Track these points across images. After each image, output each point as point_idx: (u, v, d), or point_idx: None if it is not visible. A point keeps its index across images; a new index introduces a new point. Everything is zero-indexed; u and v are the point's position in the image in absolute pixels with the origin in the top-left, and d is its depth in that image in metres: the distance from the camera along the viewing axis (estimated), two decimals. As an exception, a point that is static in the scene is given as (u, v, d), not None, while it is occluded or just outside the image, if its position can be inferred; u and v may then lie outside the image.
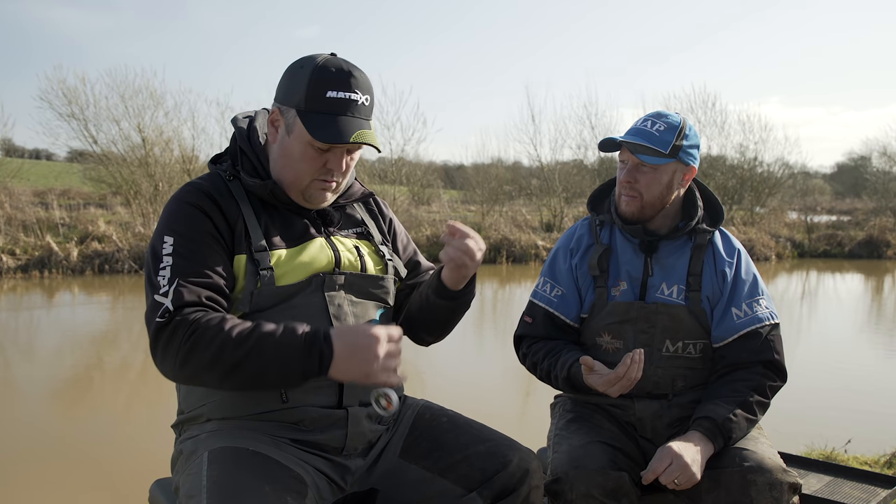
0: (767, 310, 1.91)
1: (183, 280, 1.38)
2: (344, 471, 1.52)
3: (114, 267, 12.24)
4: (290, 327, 1.33)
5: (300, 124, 1.46)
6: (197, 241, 1.43)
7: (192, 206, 1.46)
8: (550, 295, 2.00)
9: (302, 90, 1.45)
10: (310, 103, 1.44)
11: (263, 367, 1.31)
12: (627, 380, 1.67)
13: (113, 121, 15.55)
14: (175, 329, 1.33)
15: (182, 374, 1.36)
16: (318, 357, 1.30)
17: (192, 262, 1.41)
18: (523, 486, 1.52)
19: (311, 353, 1.31)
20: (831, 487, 2.23)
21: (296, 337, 1.32)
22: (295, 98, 1.47)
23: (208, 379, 1.36)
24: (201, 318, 1.34)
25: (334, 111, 1.45)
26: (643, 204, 1.92)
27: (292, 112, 1.47)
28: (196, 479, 1.35)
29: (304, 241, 1.55)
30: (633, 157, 1.90)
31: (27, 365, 6.47)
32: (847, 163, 36.05)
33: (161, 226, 1.47)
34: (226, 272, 1.45)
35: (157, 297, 1.37)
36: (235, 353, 1.31)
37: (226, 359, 1.31)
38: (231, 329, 1.33)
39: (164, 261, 1.40)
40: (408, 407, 1.67)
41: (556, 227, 18.04)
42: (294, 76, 1.50)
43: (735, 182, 20.55)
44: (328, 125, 1.44)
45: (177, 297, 1.36)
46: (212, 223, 1.45)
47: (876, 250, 17.81)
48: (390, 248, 1.73)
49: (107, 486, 3.70)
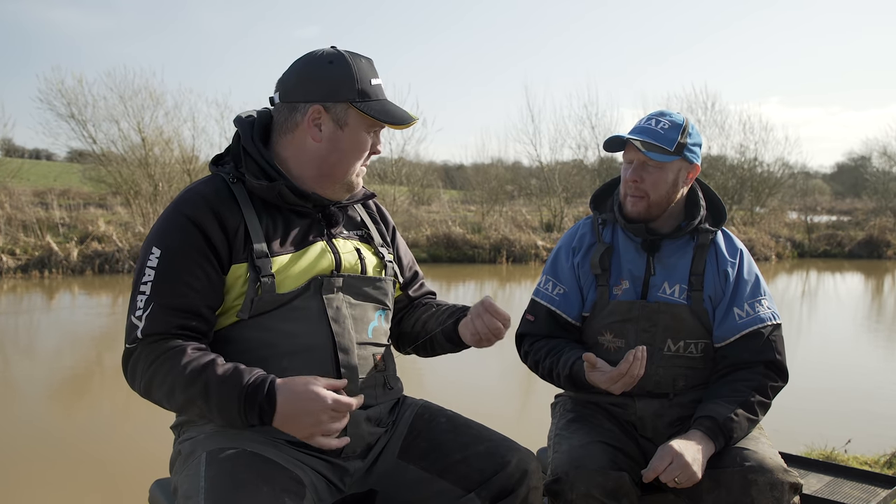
0: (769, 310, 1.91)
1: (158, 305, 1.40)
2: (342, 472, 1.51)
3: (114, 267, 12.24)
4: (238, 374, 1.35)
5: (357, 114, 1.51)
6: (183, 256, 1.43)
7: (187, 218, 1.45)
8: (552, 293, 2.00)
9: (350, 83, 1.50)
10: (363, 94, 1.51)
11: (209, 410, 1.37)
12: (630, 377, 1.66)
13: (112, 121, 15.58)
14: (138, 358, 1.40)
15: (148, 398, 1.43)
16: (259, 412, 1.33)
17: (172, 283, 1.42)
18: (522, 486, 1.51)
19: (252, 407, 1.33)
20: (831, 487, 2.22)
21: (239, 388, 1.33)
22: (343, 92, 1.50)
23: (167, 407, 1.43)
24: (162, 350, 1.38)
25: (381, 96, 1.55)
26: (650, 203, 1.92)
27: (342, 106, 1.51)
28: (194, 480, 1.35)
29: (305, 245, 1.54)
30: (639, 156, 1.90)
31: (27, 365, 6.47)
32: (847, 163, 36.09)
33: (154, 233, 1.47)
34: (209, 291, 1.44)
35: (133, 318, 1.41)
36: (185, 393, 1.36)
37: (177, 397, 1.38)
38: (184, 367, 1.36)
39: (146, 274, 1.42)
40: (406, 407, 1.66)
41: (556, 227, 18.04)
42: (326, 72, 1.51)
43: (735, 182, 20.55)
44: (385, 109, 1.53)
45: (147, 324, 1.40)
46: (204, 239, 1.44)
47: (876, 250, 17.82)
48: (390, 250, 1.73)
49: (107, 486, 3.70)
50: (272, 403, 1.32)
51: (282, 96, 1.54)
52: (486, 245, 15.32)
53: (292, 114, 1.53)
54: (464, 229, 16.14)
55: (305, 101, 1.51)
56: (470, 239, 15.52)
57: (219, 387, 1.34)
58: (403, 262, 1.79)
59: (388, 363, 1.65)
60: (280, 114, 1.55)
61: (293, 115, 1.53)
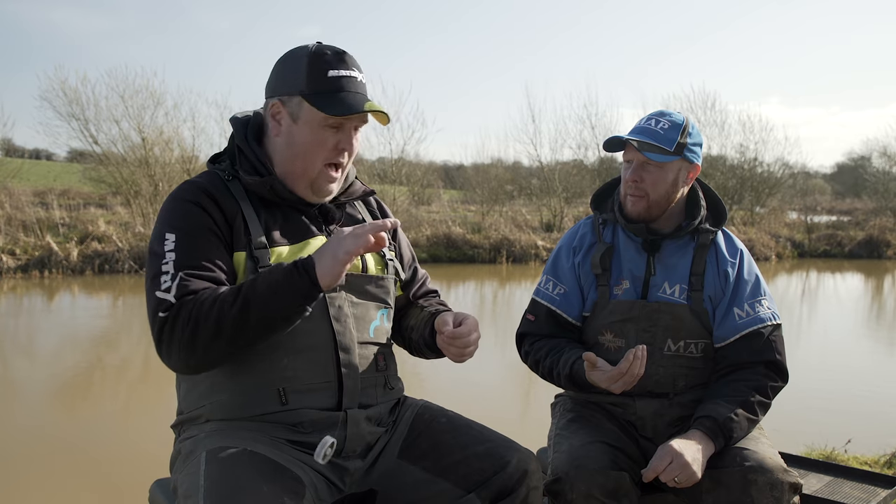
0: (769, 310, 1.91)
1: (185, 274, 1.39)
2: (342, 472, 1.51)
3: (114, 267, 12.24)
4: (276, 266, 1.36)
5: (307, 107, 1.47)
6: (197, 236, 1.43)
7: (190, 202, 1.46)
8: (553, 293, 2.00)
9: (302, 75, 1.47)
10: (313, 85, 1.47)
11: (265, 307, 1.33)
12: (630, 376, 1.66)
13: (113, 121, 15.56)
14: (176, 317, 1.35)
15: (191, 358, 1.36)
16: (304, 270, 1.33)
17: (193, 257, 1.41)
18: (522, 487, 1.51)
19: (298, 270, 1.33)
20: (831, 487, 2.22)
21: (280, 266, 1.35)
22: (296, 84, 1.48)
23: (217, 346, 1.35)
24: (196, 297, 1.36)
25: (339, 88, 1.47)
26: (649, 203, 1.92)
27: (295, 99, 1.48)
28: (194, 479, 1.35)
29: (305, 239, 1.54)
30: (639, 156, 1.90)
31: (27, 365, 6.47)
32: (847, 163, 36.09)
33: (160, 224, 1.47)
34: (227, 266, 1.45)
35: (160, 293, 1.38)
36: (235, 306, 1.32)
37: (227, 316, 1.32)
38: (224, 292, 1.35)
39: (166, 257, 1.41)
40: (407, 407, 1.66)
41: (556, 227, 18.03)
42: (288, 66, 1.51)
43: (735, 182, 20.55)
44: (338, 101, 1.46)
45: (180, 289, 1.37)
46: (211, 219, 1.46)
47: (876, 250, 17.82)
48: (391, 248, 1.73)
49: (107, 486, 3.70)
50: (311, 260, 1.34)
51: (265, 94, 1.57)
52: (486, 245, 15.32)
53: (264, 110, 1.57)
54: (464, 229, 16.14)
55: (269, 96, 1.54)
56: (470, 239, 15.52)
57: (264, 277, 1.34)
58: (404, 260, 1.78)
59: (389, 363, 1.65)
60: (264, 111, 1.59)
61: (265, 111, 1.56)
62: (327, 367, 1.49)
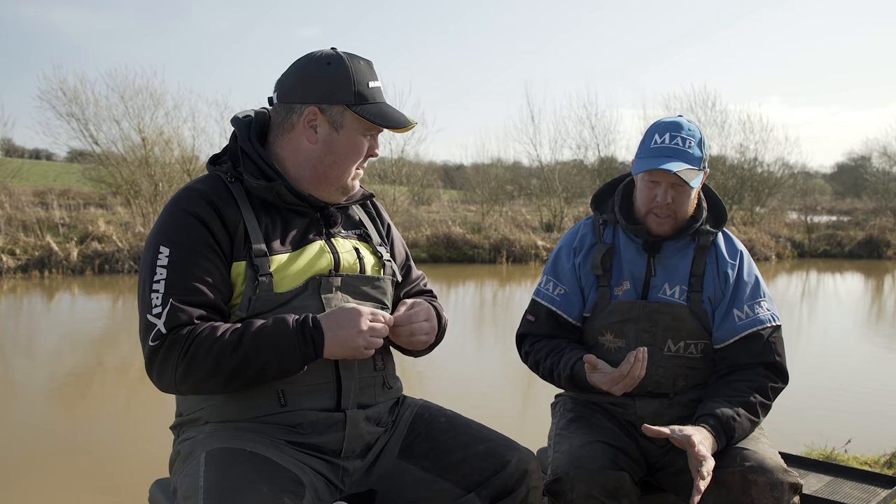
0: (769, 312, 1.90)
1: (176, 300, 1.39)
2: (342, 472, 1.51)
3: (114, 267, 12.24)
4: (280, 319, 1.40)
5: (352, 117, 1.51)
6: (193, 252, 1.42)
7: (190, 214, 1.45)
8: (553, 293, 2.00)
9: (348, 85, 1.49)
10: (360, 97, 1.50)
11: (263, 363, 1.37)
12: (631, 378, 1.66)
13: (113, 121, 15.58)
14: (170, 348, 1.37)
15: (182, 386, 1.40)
16: (312, 342, 1.39)
17: (186, 277, 1.41)
18: (521, 486, 1.51)
19: (305, 340, 1.38)
20: (831, 487, 2.22)
21: (288, 328, 1.39)
22: (339, 94, 1.49)
23: (209, 386, 1.40)
24: (193, 332, 1.37)
25: (379, 99, 1.54)
26: (677, 222, 1.92)
27: (338, 108, 1.50)
28: (193, 480, 1.35)
29: (304, 245, 1.54)
30: (672, 178, 1.83)
31: (27, 365, 6.47)
32: (847, 163, 36.08)
33: (157, 233, 1.46)
34: (221, 285, 1.45)
35: (150, 317, 1.39)
36: (234, 357, 1.36)
37: (225, 364, 1.36)
38: (223, 334, 1.37)
39: (157, 273, 1.41)
40: (406, 407, 1.66)
41: (556, 227, 18.04)
42: (323, 73, 1.50)
43: (735, 182, 20.55)
44: (383, 113, 1.53)
45: (170, 319, 1.38)
46: (209, 233, 1.44)
47: (876, 250, 17.82)
48: (388, 249, 1.73)
49: (107, 486, 3.70)
50: (320, 330, 1.40)
51: (280, 97, 1.54)
52: (486, 245, 15.32)
53: (289, 114, 1.53)
54: (464, 229, 16.15)
55: (302, 103, 1.51)
56: (470, 239, 15.52)
57: (269, 336, 1.37)
58: (397, 259, 1.77)
59: (387, 362, 1.65)
60: (277, 114, 1.55)
61: (290, 115, 1.53)
62: (325, 368, 1.49)
